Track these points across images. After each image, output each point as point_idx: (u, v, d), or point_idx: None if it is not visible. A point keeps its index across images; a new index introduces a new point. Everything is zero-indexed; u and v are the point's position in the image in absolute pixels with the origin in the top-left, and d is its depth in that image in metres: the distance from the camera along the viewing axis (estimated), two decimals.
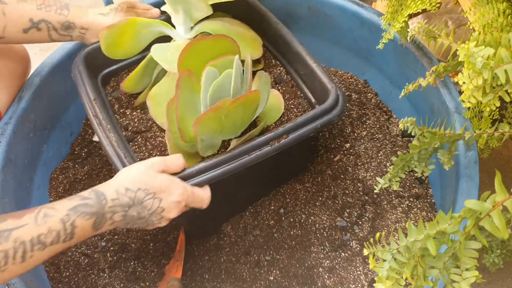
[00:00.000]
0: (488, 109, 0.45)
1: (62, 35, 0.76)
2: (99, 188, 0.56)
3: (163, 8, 0.81)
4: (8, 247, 0.47)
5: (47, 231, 0.50)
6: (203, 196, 0.64)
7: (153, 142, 0.75)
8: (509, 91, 0.45)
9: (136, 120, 0.78)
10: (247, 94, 0.61)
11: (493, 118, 0.73)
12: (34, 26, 0.72)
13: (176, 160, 0.62)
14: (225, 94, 0.65)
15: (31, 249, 0.49)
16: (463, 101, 0.46)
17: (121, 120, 0.78)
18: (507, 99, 0.44)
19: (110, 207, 0.55)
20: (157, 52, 0.74)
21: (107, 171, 0.93)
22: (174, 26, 0.80)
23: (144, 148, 0.74)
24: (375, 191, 0.67)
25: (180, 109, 0.65)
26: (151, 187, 0.57)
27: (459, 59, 0.43)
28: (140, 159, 0.73)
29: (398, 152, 0.63)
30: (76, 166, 0.95)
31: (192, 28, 0.79)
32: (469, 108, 0.74)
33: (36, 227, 0.49)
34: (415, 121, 0.60)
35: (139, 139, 0.75)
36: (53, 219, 0.51)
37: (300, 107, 0.79)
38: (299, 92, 0.81)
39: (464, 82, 0.44)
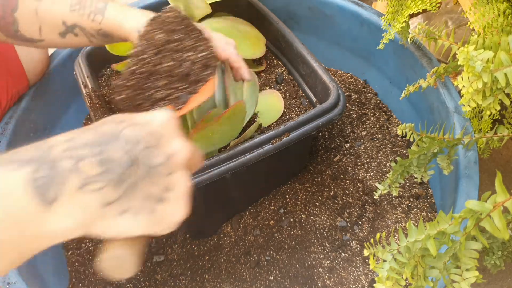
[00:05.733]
0: (488, 112, 0.45)
1: (102, 40, 0.62)
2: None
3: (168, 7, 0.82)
4: None
5: None
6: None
7: None
8: (509, 93, 0.45)
9: None
10: (231, 108, 0.60)
11: (493, 118, 0.73)
12: (69, 30, 0.60)
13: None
14: (211, 104, 0.65)
15: None
16: (463, 105, 0.46)
17: None
18: (507, 102, 0.44)
19: (64, 150, 0.29)
20: None
21: None
22: None
23: None
24: (374, 197, 0.67)
25: None
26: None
27: (459, 63, 0.43)
28: None
29: (397, 158, 0.63)
30: None
31: None
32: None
33: None
34: (413, 126, 0.60)
35: None
36: None
37: (301, 106, 0.79)
38: (300, 92, 0.81)
39: (463, 86, 0.44)
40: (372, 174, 0.91)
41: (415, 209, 0.86)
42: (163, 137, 0.32)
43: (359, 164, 0.92)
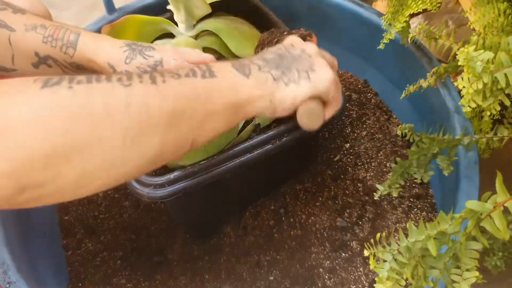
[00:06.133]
0: (488, 113, 0.45)
1: (78, 72, 0.62)
2: None
3: (168, 7, 0.82)
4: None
5: (181, 66, 0.47)
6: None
7: None
8: (510, 93, 0.45)
9: None
10: None
11: (494, 118, 0.73)
12: (42, 61, 0.60)
13: None
14: None
15: (162, 74, 0.40)
16: (464, 106, 0.46)
17: None
18: (508, 103, 0.44)
19: (245, 59, 0.48)
20: None
21: None
22: (177, 24, 0.80)
23: None
24: (374, 198, 0.67)
25: None
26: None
27: (459, 63, 0.43)
28: None
29: (397, 159, 0.63)
30: None
31: (194, 26, 0.80)
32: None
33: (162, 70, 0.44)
34: (413, 127, 0.60)
35: None
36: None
37: None
38: None
39: (464, 87, 0.44)
40: (372, 174, 0.91)
41: (416, 209, 0.86)
42: (295, 43, 0.52)
43: (359, 164, 0.92)
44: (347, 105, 1.02)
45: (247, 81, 0.45)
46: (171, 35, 0.80)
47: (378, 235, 0.50)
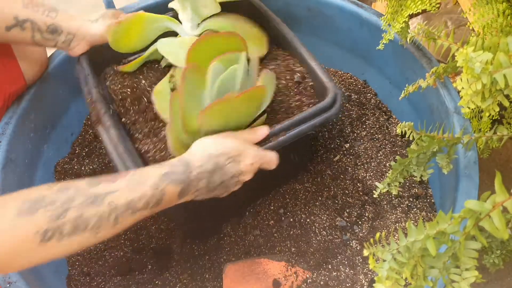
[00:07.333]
0: (487, 113, 0.45)
1: (46, 38, 0.74)
2: (185, 157, 0.57)
3: (170, 5, 0.82)
4: (103, 211, 0.48)
5: (139, 197, 0.51)
6: (272, 157, 0.65)
7: (159, 136, 0.75)
8: (508, 94, 0.45)
9: (140, 115, 0.78)
10: (254, 88, 0.62)
11: (493, 118, 0.73)
12: (18, 24, 0.70)
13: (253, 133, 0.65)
14: (230, 88, 0.65)
15: (122, 214, 0.49)
16: (462, 106, 0.46)
17: (126, 116, 0.78)
18: (506, 103, 0.44)
19: (196, 174, 0.56)
20: (163, 45, 0.75)
21: (108, 170, 0.93)
22: (181, 22, 0.80)
23: (150, 147, 0.74)
24: (374, 195, 0.67)
25: (184, 100, 0.64)
26: (231, 150, 0.59)
27: (458, 64, 0.43)
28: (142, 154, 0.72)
29: (397, 157, 0.63)
30: (76, 166, 0.95)
31: (198, 25, 0.80)
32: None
33: (128, 192, 0.50)
34: (412, 125, 0.60)
35: (143, 134, 0.75)
36: (145, 185, 0.52)
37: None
38: None
39: (463, 87, 0.44)
40: (372, 174, 0.91)
41: (415, 209, 0.86)
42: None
43: (358, 164, 0.92)
44: (347, 105, 1.02)
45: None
46: (174, 34, 0.81)
47: (378, 234, 0.50)
